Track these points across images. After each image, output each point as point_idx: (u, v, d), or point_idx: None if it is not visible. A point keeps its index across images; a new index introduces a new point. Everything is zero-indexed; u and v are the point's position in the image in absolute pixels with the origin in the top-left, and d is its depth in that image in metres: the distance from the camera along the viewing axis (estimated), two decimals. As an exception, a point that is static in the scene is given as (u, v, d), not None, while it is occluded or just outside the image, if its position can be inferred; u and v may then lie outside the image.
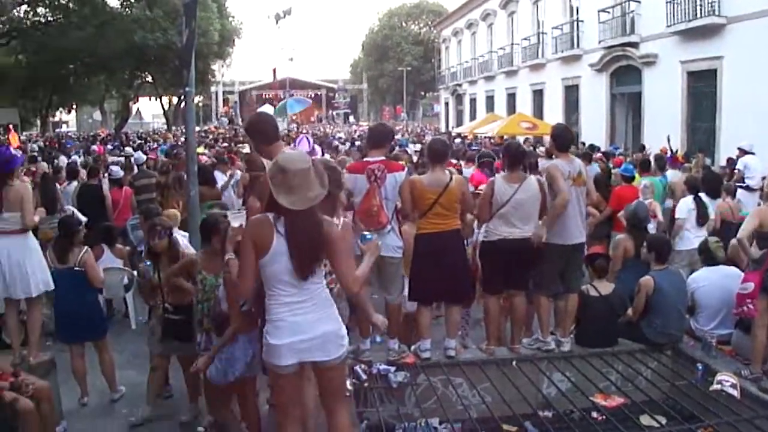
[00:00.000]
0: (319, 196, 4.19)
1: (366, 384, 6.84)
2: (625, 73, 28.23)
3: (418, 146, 23.01)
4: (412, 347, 7.46)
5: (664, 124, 23.23)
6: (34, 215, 7.10)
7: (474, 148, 21.42)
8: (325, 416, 4.74)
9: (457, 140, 27.15)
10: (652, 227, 9.66)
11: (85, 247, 7.45)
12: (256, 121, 5.72)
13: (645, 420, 6.51)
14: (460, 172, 10.90)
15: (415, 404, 7.04)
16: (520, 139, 24.85)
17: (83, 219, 8.31)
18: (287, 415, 4.59)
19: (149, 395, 7.19)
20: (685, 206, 10.22)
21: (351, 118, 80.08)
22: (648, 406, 6.69)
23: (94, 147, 26.78)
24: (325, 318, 4.35)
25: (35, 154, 19.19)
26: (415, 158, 14.22)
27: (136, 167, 15.22)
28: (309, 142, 6.59)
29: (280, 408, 4.65)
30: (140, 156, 16.93)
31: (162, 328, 6.89)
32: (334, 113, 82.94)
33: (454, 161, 12.95)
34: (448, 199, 6.82)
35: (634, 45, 26.50)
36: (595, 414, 6.81)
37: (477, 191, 8.07)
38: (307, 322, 4.27)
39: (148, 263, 7.00)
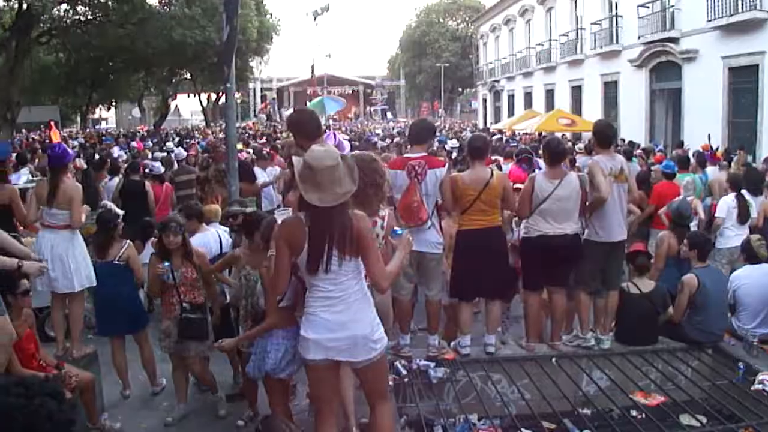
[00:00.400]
0: (349, 192, 4.19)
1: (406, 379, 6.86)
2: (664, 69, 27.93)
3: (455, 143, 22.96)
4: (452, 343, 7.47)
5: (704, 121, 23.00)
6: (81, 215, 7.24)
7: (512, 144, 21.33)
8: (369, 413, 4.76)
9: (496, 136, 27.01)
10: (693, 225, 9.57)
11: (128, 242, 7.54)
12: (298, 117, 5.72)
13: (685, 419, 6.47)
14: (500, 168, 10.88)
15: (455, 400, 7.05)
16: (558, 135, 24.68)
17: (120, 212, 8.39)
18: (322, 408, 4.63)
19: (179, 394, 7.27)
20: (725, 204, 10.11)
21: (388, 115, 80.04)
22: (688, 405, 6.64)
23: (134, 143, 27.06)
24: (358, 321, 4.33)
25: (75, 150, 19.42)
26: (454, 154, 14.17)
27: (176, 163, 15.37)
28: (335, 137, 6.61)
29: (316, 400, 4.70)
30: (181, 152, 17.07)
31: (178, 329, 6.83)
32: (372, 110, 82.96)
33: (492, 158, 12.91)
34: (489, 196, 6.82)
35: (674, 40, 26.23)
36: (634, 412, 6.77)
37: (515, 187, 8.03)
38: (337, 322, 4.28)
39: (167, 264, 6.86)
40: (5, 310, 5.73)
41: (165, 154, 18.17)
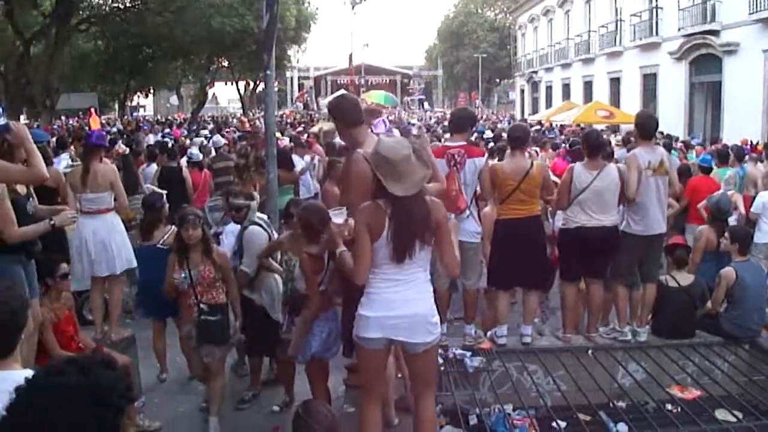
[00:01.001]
0: (426, 177, 4.27)
1: (442, 368, 6.89)
2: (705, 62, 27.63)
3: (490, 133, 22.87)
4: (488, 333, 7.48)
5: (744, 115, 22.73)
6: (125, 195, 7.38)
7: (550, 135, 21.21)
8: (413, 402, 4.79)
9: (535, 127, 26.87)
10: (733, 219, 9.47)
11: (172, 227, 7.62)
12: (340, 103, 5.66)
13: (721, 414, 6.44)
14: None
15: (490, 390, 7.08)
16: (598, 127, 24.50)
17: (162, 193, 8.47)
18: (370, 393, 4.66)
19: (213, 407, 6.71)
20: (761, 199, 9.97)
21: (425, 105, 79.81)
22: (724, 401, 6.61)
23: (169, 131, 27.34)
24: (420, 300, 4.37)
25: (114, 136, 19.62)
26: (491, 144, 14.09)
27: (214, 150, 15.49)
28: (385, 124, 6.62)
29: (364, 385, 4.71)
30: (219, 139, 17.21)
31: (197, 332, 6.37)
32: (409, 99, 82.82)
33: (529, 149, 12.87)
34: (528, 186, 6.82)
35: (715, 33, 25.92)
36: (670, 406, 6.75)
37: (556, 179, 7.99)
38: (401, 300, 4.31)
39: (183, 276, 6.32)
40: (37, 293, 5.87)
41: (202, 139, 18.33)
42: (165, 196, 8.27)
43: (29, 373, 2.62)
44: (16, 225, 5.14)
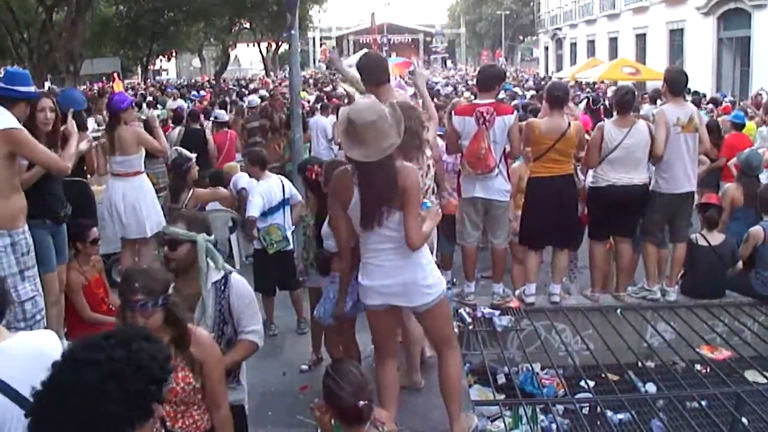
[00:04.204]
0: (393, 145, 4.09)
1: (470, 327, 6.91)
2: (733, 17, 27.16)
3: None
4: (517, 291, 7.47)
5: (774, 71, 22.34)
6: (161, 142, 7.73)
7: (577, 92, 21.07)
8: (437, 360, 4.79)
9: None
10: (765, 177, 9.32)
11: (192, 189, 7.65)
12: (366, 62, 5.64)
13: (751, 375, 6.41)
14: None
15: (519, 349, 7.10)
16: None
17: (191, 156, 8.51)
18: (382, 351, 4.68)
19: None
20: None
21: (448, 63, 79.22)
22: (755, 361, 6.57)
23: (203, 92, 27.60)
24: (409, 266, 4.29)
25: (139, 100, 19.74)
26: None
27: (247, 111, 15.67)
28: (399, 81, 6.64)
29: (376, 344, 4.73)
30: (254, 99, 17.35)
31: None
32: (432, 58, 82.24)
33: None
34: (564, 146, 6.77)
35: (745, -13, 25.42)
36: (699, 366, 6.73)
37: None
38: (392, 268, 4.28)
39: None
40: (66, 259, 5.93)
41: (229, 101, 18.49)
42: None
43: (14, 341, 2.62)
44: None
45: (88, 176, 7.96)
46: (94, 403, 1.93)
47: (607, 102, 14.66)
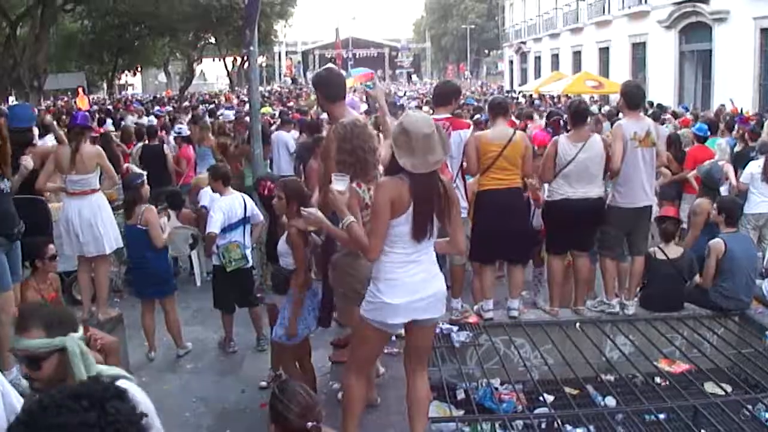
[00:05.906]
0: (439, 162, 4.20)
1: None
2: (694, 30, 27.56)
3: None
4: (475, 307, 7.44)
5: (735, 83, 22.66)
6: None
7: (537, 104, 21.16)
8: (406, 377, 4.73)
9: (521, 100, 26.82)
10: (724, 189, 9.41)
11: (146, 205, 7.57)
12: (324, 76, 5.66)
13: (709, 387, 6.43)
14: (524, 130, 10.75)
15: (477, 364, 7.05)
16: (587, 98, 24.43)
17: (142, 173, 8.43)
18: (362, 370, 4.67)
19: None
20: (749, 170, 9.89)
21: (413, 78, 79.61)
22: (713, 374, 6.59)
23: (159, 108, 27.36)
24: (437, 277, 4.41)
25: (102, 115, 19.60)
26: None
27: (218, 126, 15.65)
28: (350, 99, 6.74)
29: (361, 363, 4.69)
30: (227, 114, 17.35)
31: None
32: (397, 72, 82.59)
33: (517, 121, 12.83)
34: (511, 153, 6.75)
35: (705, 0, 25.76)
36: (658, 379, 6.74)
37: (539, 152, 7.88)
38: (420, 282, 4.29)
39: None
40: (20, 278, 5.84)
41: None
42: (145, 176, 8.23)
43: None
44: None
45: (46, 194, 7.88)
46: None
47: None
